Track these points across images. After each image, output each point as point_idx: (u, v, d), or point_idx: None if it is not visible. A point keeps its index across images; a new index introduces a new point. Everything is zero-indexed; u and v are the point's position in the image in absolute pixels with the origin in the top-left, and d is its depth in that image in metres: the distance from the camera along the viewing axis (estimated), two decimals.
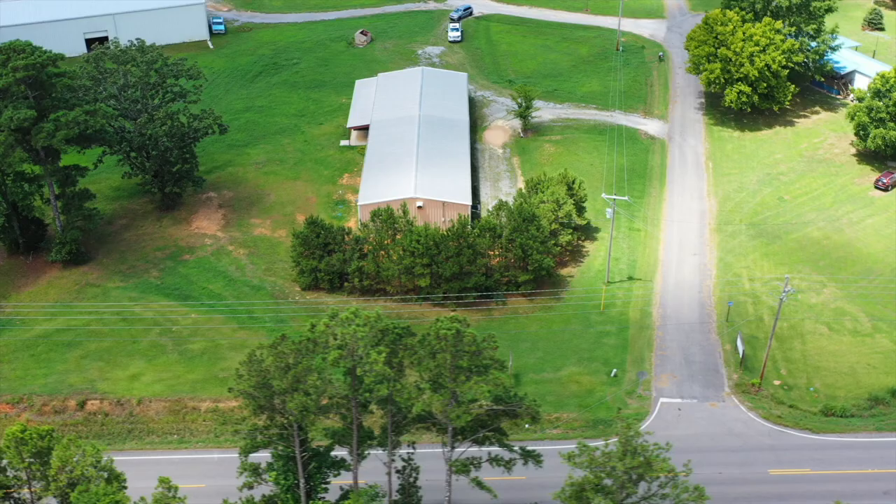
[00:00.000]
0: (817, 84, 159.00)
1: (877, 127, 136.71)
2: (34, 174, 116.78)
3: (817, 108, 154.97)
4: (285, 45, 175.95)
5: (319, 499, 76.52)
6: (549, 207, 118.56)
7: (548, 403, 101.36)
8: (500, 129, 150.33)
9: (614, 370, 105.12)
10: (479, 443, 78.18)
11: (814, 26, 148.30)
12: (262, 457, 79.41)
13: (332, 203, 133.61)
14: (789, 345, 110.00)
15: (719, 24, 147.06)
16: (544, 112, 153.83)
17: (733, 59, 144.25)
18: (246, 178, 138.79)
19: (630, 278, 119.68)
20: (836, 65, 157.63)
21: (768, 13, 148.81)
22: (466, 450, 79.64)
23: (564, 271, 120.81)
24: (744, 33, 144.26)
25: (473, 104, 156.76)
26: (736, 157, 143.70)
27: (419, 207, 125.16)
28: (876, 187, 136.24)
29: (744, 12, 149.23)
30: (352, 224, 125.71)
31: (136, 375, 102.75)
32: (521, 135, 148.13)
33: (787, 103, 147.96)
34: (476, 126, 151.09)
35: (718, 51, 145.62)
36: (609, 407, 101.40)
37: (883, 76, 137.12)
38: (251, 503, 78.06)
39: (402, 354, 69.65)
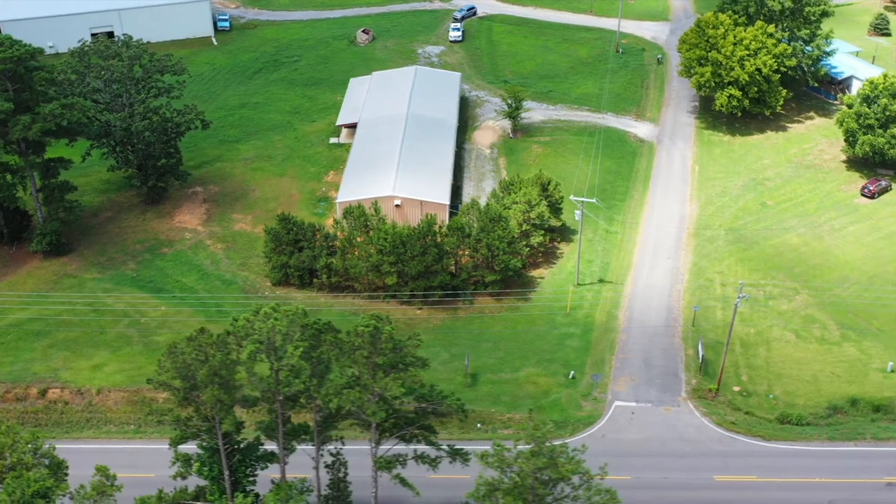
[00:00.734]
0: (815, 89, 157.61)
1: (865, 133, 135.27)
2: (17, 165, 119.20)
3: (812, 114, 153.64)
4: (288, 43, 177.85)
5: (249, 491, 77.65)
6: (520, 208, 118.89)
7: (502, 404, 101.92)
8: (490, 130, 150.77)
9: (572, 372, 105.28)
10: (407, 440, 78.84)
11: (807, 31, 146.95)
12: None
13: (315, 200, 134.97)
14: (754, 351, 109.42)
15: (711, 27, 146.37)
16: (536, 113, 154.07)
17: (724, 63, 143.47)
18: (233, 173, 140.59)
19: (601, 281, 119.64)
20: (833, 70, 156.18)
21: (761, 17, 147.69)
22: (392, 447, 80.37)
23: (536, 272, 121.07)
24: (735, 37, 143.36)
25: (467, 104, 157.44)
26: (723, 161, 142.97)
27: (397, 206, 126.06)
28: (862, 194, 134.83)
29: (737, 16, 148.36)
30: (331, 221, 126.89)
31: (98, 365, 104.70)
32: (511, 135, 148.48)
33: (778, 108, 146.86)
34: (466, 126, 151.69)
35: (709, 54, 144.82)
36: (563, 408, 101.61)
37: (872, 82, 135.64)
38: (184, 493, 79.41)
39: (321, 350, 70.48)
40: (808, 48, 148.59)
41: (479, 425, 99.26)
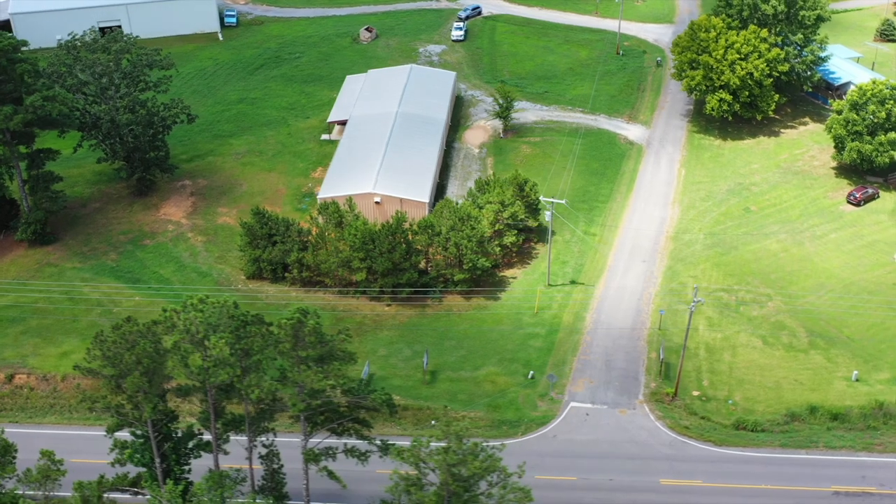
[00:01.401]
0: (812, 95, 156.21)
1: (853, 140, 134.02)
2: (4, 156, 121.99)
3: (807, 119, 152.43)
4: (292, 39, 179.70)
5: (182, 479, 79.14)
6: (493, 208, 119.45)
7: (458, 402, 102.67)
8: (482, 129, 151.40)
9: (531, 372, 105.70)
10: (339, 434, 79.92)
11: (801, 36, 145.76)
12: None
13: (301, 196, 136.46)
14: (718, 356, 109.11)
15: (703, 30, 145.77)
16: (529, 113, 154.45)
17: (715, 67, 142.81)
18: (223, 167, 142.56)
19: (573, 282, 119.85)
20: (830, 76, 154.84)
21: (755, 21, 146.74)
22: (324, 440, 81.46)
23: (509, 272, 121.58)
24: (726, 41, 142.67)
25: (462, 103, 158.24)
26: (711, 165, 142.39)
27: (377, 203, 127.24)
28: (848, 201, 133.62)
29: (730, 19, 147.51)
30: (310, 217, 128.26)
31: (67, 353, 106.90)
32: (501, 135, 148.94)
33: (770, 112, 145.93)
34: (459, 125, 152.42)
35: (700, 57, 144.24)
36: (518, 408, 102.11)
37: (861, 88, 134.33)
38: (124, 479, 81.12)
39: (246, 342, 71.76)
40: (803, 53, 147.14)
41: (433, 422, 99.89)
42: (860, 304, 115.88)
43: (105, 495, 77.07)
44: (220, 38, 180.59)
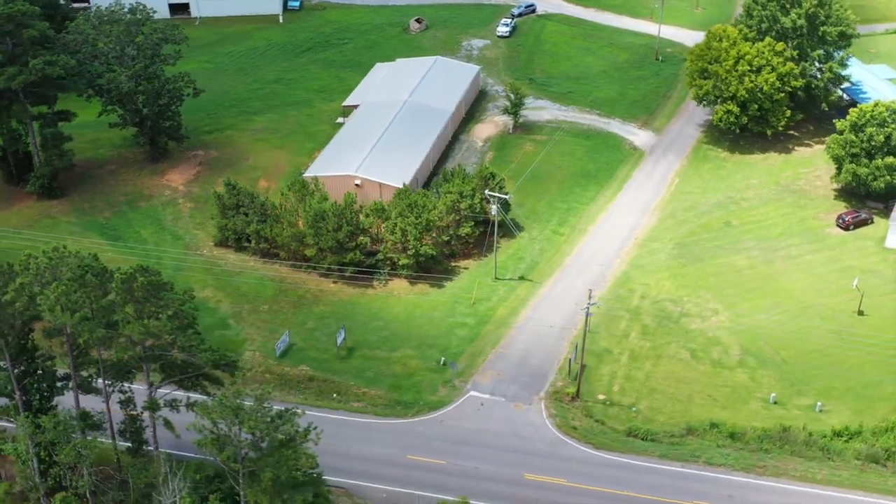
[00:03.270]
0: (842, 113, 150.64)
1: (850, 161, 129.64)
2: (17, 113, 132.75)
3: (825, 138, 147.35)
4: (346, 26, 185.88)
5: (48, 412, 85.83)
6: (451, 198, 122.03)
7: (363, 379, 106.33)
8: (493, 124, 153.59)
9: (443, 359, 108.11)
10: (186, 388, 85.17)
11: (820, 52, 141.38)
12: None
13: (297, 174, 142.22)
14: (639, 364, 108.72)
15: (717, 39, 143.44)
16: (545, 112, 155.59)
17: (724, 77, 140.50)
18: (238, 141, 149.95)
19: (521, 278, 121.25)
20: (861, 95, 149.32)
21: (773, 34, 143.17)
22: (172, 392, 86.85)
23: (463, 262, 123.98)
24: (738, 51, 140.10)
25: (483, 97, 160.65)
26: (707, 177, 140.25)
27: (357, 185, 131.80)
28: (837, 224, 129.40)
29: (748, 30, 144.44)
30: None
31: None
32: (510, 131, 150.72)
33: (780, 128, 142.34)
34: (472, 118, 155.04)
35: (711, 66, 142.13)
36: (419, 391, 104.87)
37: (861, 109, 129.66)
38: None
39: (82, 291, 77.76)
40: (822, 70, 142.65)
41: (334, 395, 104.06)
42: (809, 328, 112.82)
43: None
44: (281, 21, 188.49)
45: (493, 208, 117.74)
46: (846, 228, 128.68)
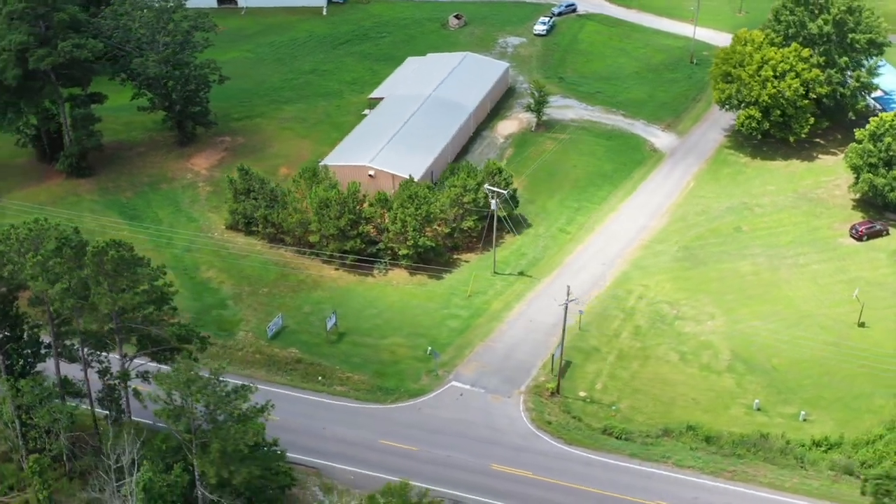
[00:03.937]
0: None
1: (867, 171, 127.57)
2: (49, 93, 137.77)
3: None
4: (387, 20, 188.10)
5: (29, 377, 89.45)
6: (454, 191, 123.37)
7: (349, 364, 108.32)
8: (517, 121, 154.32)
9: (430, 348, 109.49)
10: (158, 360, 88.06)
11: (846, 59, 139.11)
12: None
13: (316, 162, 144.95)
14: (626, 363, 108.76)
15: (742, 43, 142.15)
16: (570, 111, 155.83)
17: (747, 82, 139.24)
18: (265, 129, 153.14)
19: (521, 273, 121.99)
20: (894, 104, 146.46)
21: (800, 39, 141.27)
22: (146, 363, 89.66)
23: (465, 255, 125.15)
24: (762, 57, 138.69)
25: (511, 94, 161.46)
26: (724, 182, 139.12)
27: (370, 176, 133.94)
28: (850, 234, 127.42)
29: (775, 35, 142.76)
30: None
31: None
32: (533, 129, 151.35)
33: (802, 135, 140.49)
34: (497, 115, 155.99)
35: (734, 70, 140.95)
36: (402, 378, 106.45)
37: (881, 118, 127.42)
38: None
39: (55, 262, 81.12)
40: (849, 78, 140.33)
41: (319, 378, 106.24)
42: (805, 337, 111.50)
43: None
44: (325, 14, 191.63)
45: (493, 203, 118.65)
46: (859, 239, 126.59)
